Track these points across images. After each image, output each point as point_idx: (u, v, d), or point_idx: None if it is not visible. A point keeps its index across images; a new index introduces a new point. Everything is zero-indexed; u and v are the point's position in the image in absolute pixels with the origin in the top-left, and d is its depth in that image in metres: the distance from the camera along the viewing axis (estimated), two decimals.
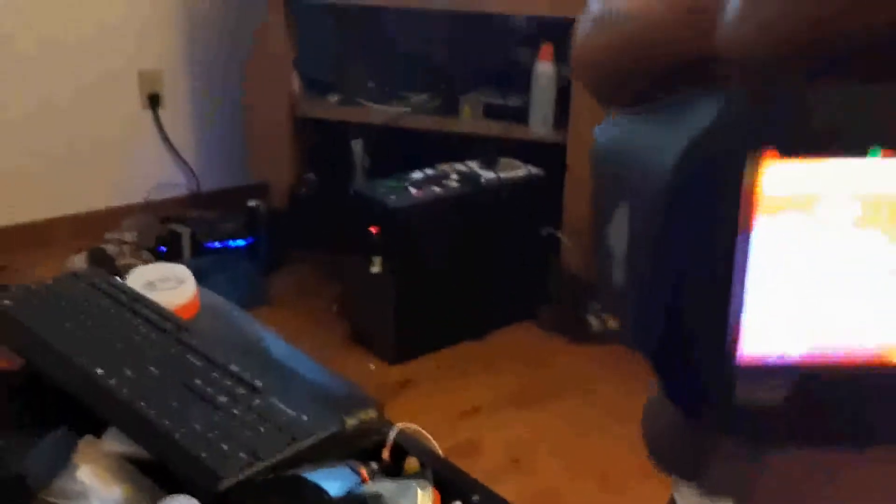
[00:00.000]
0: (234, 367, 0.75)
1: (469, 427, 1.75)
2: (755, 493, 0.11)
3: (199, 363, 0.76)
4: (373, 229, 1.88)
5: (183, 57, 2.71)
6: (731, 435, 0.10)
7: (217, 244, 2.46)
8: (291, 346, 0.93)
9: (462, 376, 1.92)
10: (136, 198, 2.72)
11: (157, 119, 2.71)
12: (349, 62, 2.48)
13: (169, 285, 0.94)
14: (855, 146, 0.09)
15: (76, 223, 2.60)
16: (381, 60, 2.46)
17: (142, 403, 0.70)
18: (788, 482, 0.11)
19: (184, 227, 2.41)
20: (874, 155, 0.10)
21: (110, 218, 2.63)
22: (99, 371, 0.73)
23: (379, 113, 2.33)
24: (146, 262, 2.42)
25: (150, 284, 0.95)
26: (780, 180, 0.10)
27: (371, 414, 0.79)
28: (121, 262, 2.31)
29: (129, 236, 2.52)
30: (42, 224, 2.57)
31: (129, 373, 0.74)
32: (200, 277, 2.37)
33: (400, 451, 0.79)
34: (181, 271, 0.97)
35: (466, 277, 2.00)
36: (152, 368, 0.75)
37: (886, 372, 0.11)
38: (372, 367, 1.95)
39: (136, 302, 0.86)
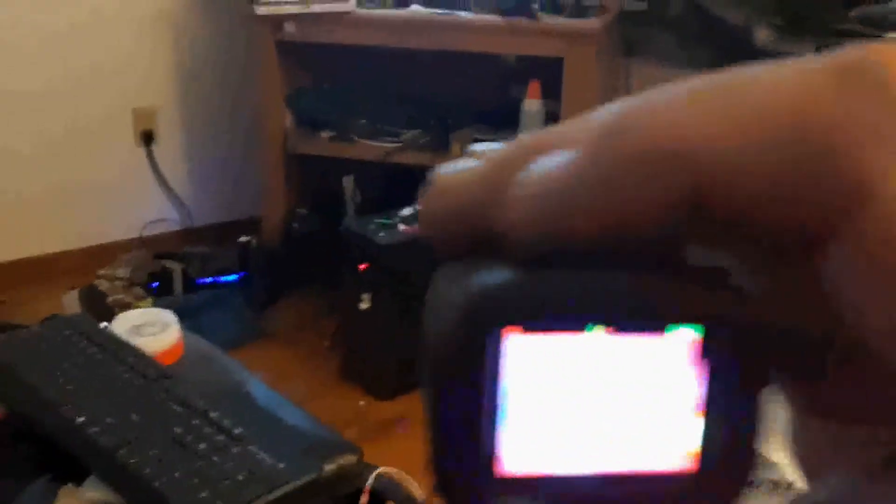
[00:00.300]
0: (214, 415, 0.76)
1: None
2: None
3: (180, 410, 0.77)
4: (361, 266, 1.89)
5: (177, 94, 2.74)
6: None
7: (209, 280, 2.47)
8: (274, 390, 0.94)
9: None
10: (131, 233, 2.74)
11: (150, 156, 2.74)
12: (341, 99, 2.52)
13: (153, 330, 0.96)
14: (578, 324, 0.14)
15: (72, 259, 2.62)
16: (373, 97, 2.50)
17: (122, 451, 0.71)
18: None
19: (175, 263, 2.43)
20: (591, 329, 0.14)
21: (105, 253, 2.64)
22: (80, 419, 0.74)
23: (370, 149, 2.36)
24: (137, 298, 2.43)
25: (135, 329, 0.96)
26: (523, 347, 0.14)
27: (350, 459, 0.80)
28: (113, 299, 2.32)
29: (122, 273, 2.53)
30: (39, 259, 2.59)
31: (110, 420, 0.75)
32: (192, 313, 2.38)
33: (379, 497, 0.80)
34: (166, 316, 0.98)
35: None
36: (134, 416, 0.76)
37: (630, 484, 0.14)
38: (361, 403, 1.96)
39: (121, 348, 0.88)
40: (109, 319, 0.98)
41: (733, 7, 2.12)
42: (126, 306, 2.41)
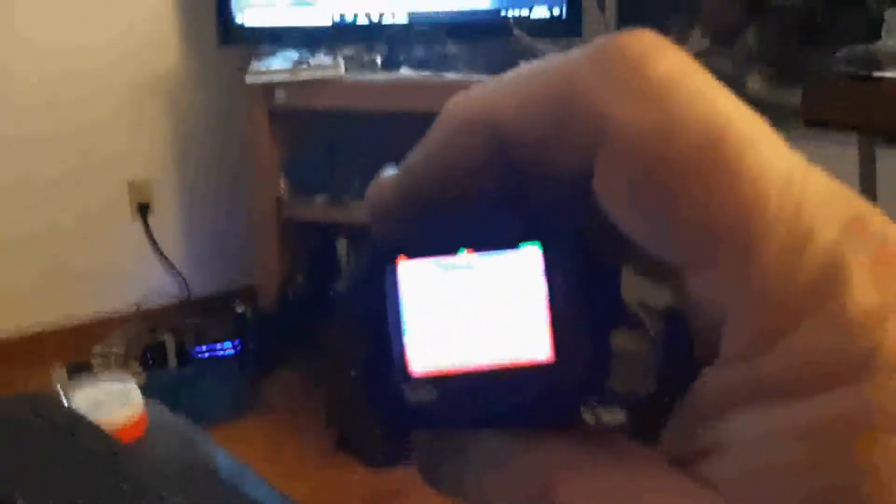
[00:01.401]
0: (166, 495, 0.71)
1: None
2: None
3: (129, 492, 0.72)
4: None
5: (172, 165, 2.75)
6: (409, 427, 0.19)
7: (205, 351, 2.43)
8: (243, 464, 0.88)
9: None
10: (128, 307, 2.71)
11: (146, 228, 2.73)
12: (335, 163, 2.51)
13: (115, 404, 0.91)
14: (450, 249, 0.18)
15: (66, 335, 2.58)
16: (367, 160, 2.49)
17: None
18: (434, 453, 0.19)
19: (168, 334, 2.39)
20: (461, 252, 0.18)
21: (100, 328, 2.61)
22: (20, 503, 0.69)
23: (362, 211, 2.33)
24: (134, 374, 2.39)
25: (97, 404, 0.91)
26: (412, 270, 0.18)
27: None
28: (106, 375, 2.27)
29: (117, 349, 2.49)
30: (32, 338, 2.55)
31: None
32: (186, 386, 2.32)
33: None
34: (129, 388, 0.94)
35: None
36: (80, 501, 0.70)
37: (512, 372, 0.17)
38: (356, 476, 1.88)
39: (76, 426, 0.83)
40: None
41: (725, 57, 2.11)
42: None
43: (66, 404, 0.90)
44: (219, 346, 2.42)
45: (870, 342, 0.15)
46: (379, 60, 2.31)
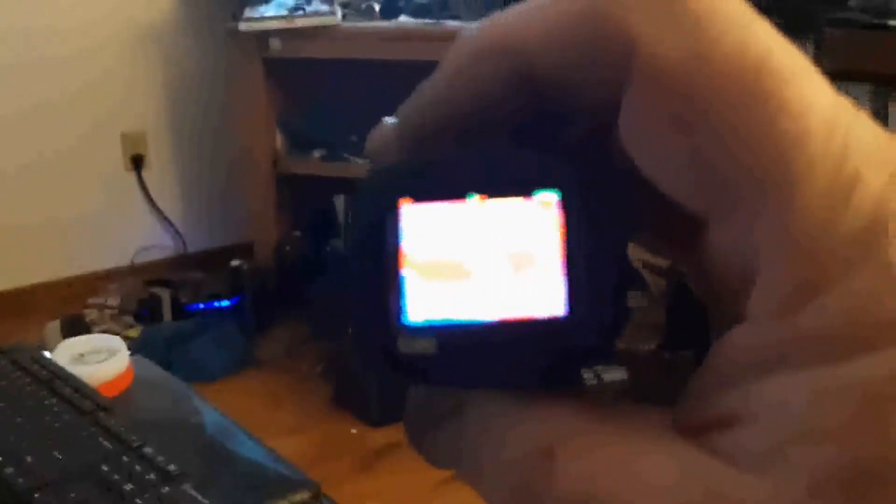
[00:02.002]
0: (148, 450, 0.68)
1: (455, 493, 1.66)
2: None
3: (111, 446, 0.69)
4: None
5: (166, 117, 2.69)
6: (404, 383, 0.17)
7: (201, 306, 2.40)
8: (231, 421, 0.85)
9: None
10: (122, 261, 2.68)
11: (141, 181, 2.69)
12: (332, 117, 2.46)
13: (99, 358, 0.88)
14: (458, 194, 0.16)
15: (61, 289, 2.56)
16: (364, 113, 2.43)
17: (37, 495, 0.63)
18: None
19: (164, 289, 2.36)
20: (471, 197, 0.16)
21: (96, 282, 2.58)
22: None
23: (362, 167, 2.29)
24: (127, 327, 2.37)
25: (79, 357, 0.88)
26: (416, 215, 0.16)
27: (302, 497, 0.71)
28: (100, 328, 2.25)
29: (112, 301, 2.47)
30: (25, 290, 2.53)
31: (29, 459, 0.67)
32: (182, 341, 2.30)
33: None
34: (114, 342, 0.91)
35: None
36: (56, 454, 0.68)
37: (520, 327, 0.16)
38: (353, 431, 1.87)
39: (57, 379, 0.80)
40: None
41: None
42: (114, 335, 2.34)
43: (48, 357, 0.87)
44: (215, 301, 2.40)
45: None
46: (377, 7, 2.25)
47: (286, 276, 2.39)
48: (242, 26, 2.16)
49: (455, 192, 0.16)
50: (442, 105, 0.17)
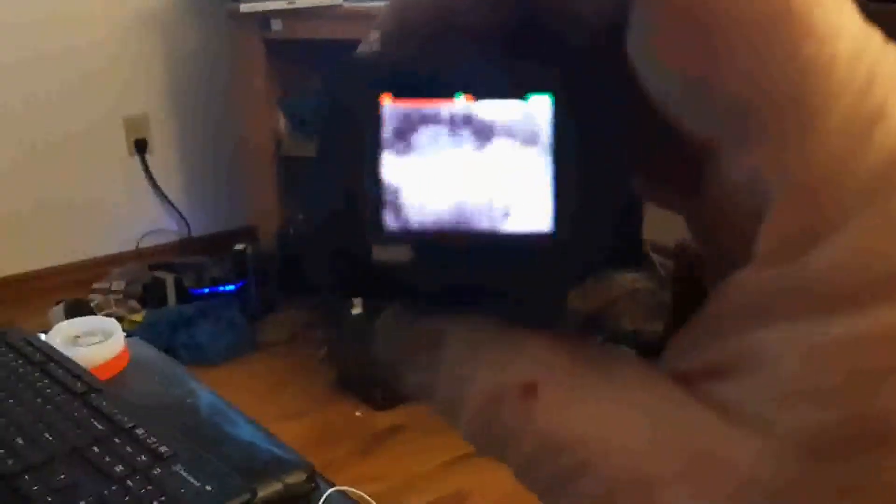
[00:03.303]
0: (139, 432, 0.67)
1: (459, 475, 1.65)
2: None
3: (102, 428, 0.68)
4: None
5: (168, 101, 2.68)
6: (376, 296, 0.15)
7: (205, 290, 2.40)
8: (226, 403, 0.85)
9: None
10: (127, 246, 2.68)
11: (144, 165, 2.67)
12: None
13: (94, 340, 0.87)
14: (445, 92, 0.15)
15: (65, 274, 2.55)
16: None
17: (25, 477, 0.62)
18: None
19: (168, 273, 2.36)
20: (458, 97, 0.14)
21: (101, 267, 2.58)
22: None
23: None
24: (132, 311, 2.37)
25: (74, 339, 0.88)
26: (398, 112, 0.14)
27: (297, 478, 0.70)
28: (105, 312, 2.25)
29: (116, 286, 2.46)
30: (30, 276, 2.53)
31: (20, 441, 0.66)
32: (185, 325, 2.29)
33: None
34: (109, 324, 0.90)
35: None
36: (47, 436, 0.67)
37: (501, 240, 0.14)
38: (358, 413, 1.87)
39: (50, 361, 0.79)
40: None
41: None
42: (119, 320, 2.34)
43: (41, 339, 0.86)
44: (219, 285, 2.39)
45: None
46: None
47: (289, 260, 2.38)
48: (243, 7, 2.14)
49: (441, 90, 0.15)
50: (429, 0, 0.15)
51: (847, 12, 0.13)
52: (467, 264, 0.15)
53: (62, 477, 0.62)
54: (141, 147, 2.65)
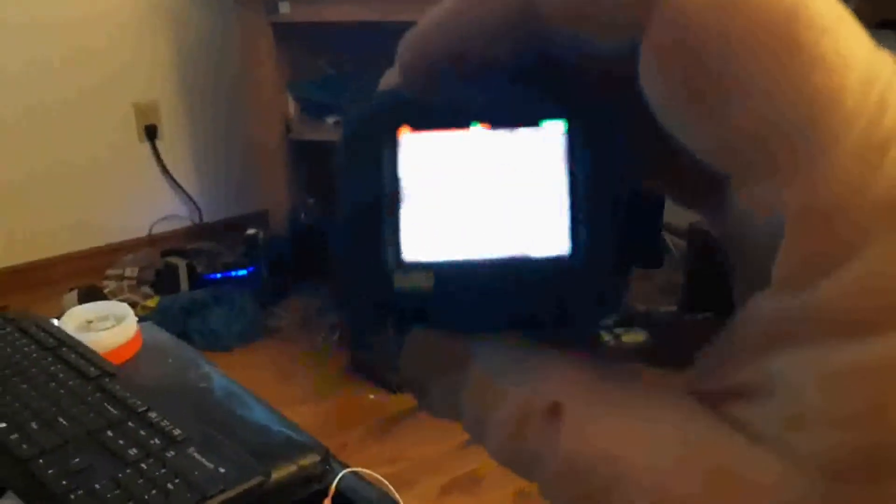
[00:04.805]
0: (153, 415, 0.67)
1: (473, 457, 1.66)
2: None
3: (115, 412, 0.68)
4: None
5: (177, 86, 2.67)
6: (400, 324, 0.16)
7: (217, 275, 2.40)
8: (240, 386, 0.84)
9: None
10: (140, 232, 2.68)
11: (155, 151, 2.68)
12: (346, 82, 2.43)
13: (106, 325, 0.87)
14: (461, 122, 0.15)
15: (77, 261, 2.57)
16: (378, 77, 2.40)
17: (40, 461, 0.62)
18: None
19: (181, 259, 2.36)
20: (474, 125, 0.15)
21: (113, 254, 2.59)
22: (0, 425, 0.66)
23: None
24: (145, 297, 2.37)
25: (87, 324, 0.88)
26: (415, 143, 0.15)
27: (311, 460, 0.70)
28: (119, 298, 2.26)
29: (129, 272, 2.47)
30: (43, 263, 2.54)
31: (34, 426, 0.66)
32: (198, 310, 2.29)
33: (346, 501, 0.71)
34: (121, 309, 0.90)
35: None
36: (61, 420, 0.67)
37: (520, 265, 0.14)
38: (371, 397, 1.87)
39: (63, 346, 0.79)
40: None
41: None
42: (133, 305, 2.35)
43: (54, 324, 0.86)
44: (231, 271, 2.40)
45: None
46: None
47: (300, 244, 2.38)
48: None
49: (458, 120, 0.15)
50: (445, 35, 0.16)
51: (856, 39, 0.13)
52: (488, 290, 0.15)
53: (77, 461, 0.62)
54: (151, 133, 2.65)
